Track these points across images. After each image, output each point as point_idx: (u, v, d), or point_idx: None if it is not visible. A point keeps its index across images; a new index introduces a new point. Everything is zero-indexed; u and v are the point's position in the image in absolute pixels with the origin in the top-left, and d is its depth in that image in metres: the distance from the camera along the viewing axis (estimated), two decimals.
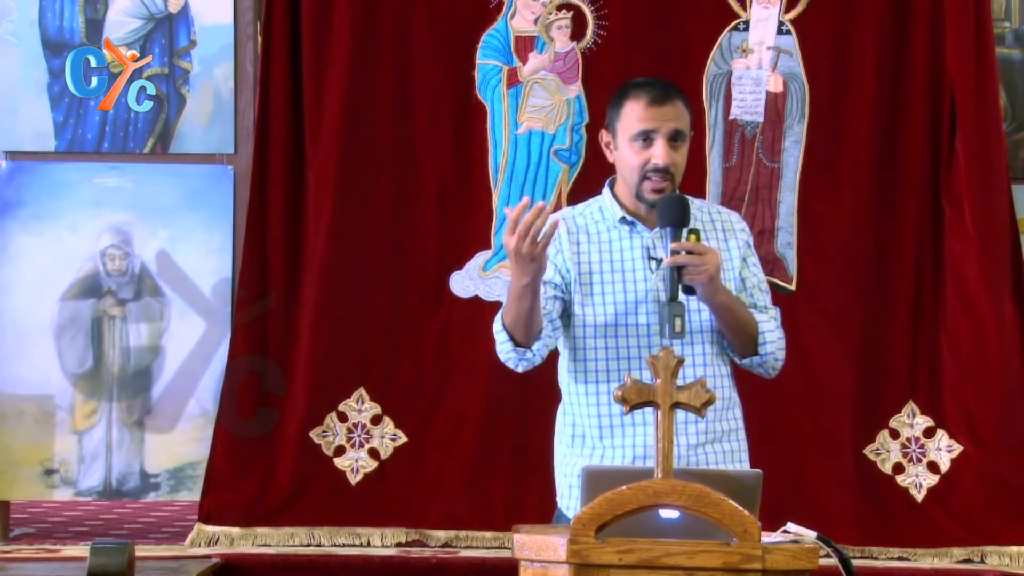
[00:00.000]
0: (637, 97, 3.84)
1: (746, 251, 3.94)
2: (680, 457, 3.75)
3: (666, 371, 3.01)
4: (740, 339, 3.85)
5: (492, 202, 5.86)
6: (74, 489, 5.93)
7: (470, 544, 5.65)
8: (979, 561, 5.54)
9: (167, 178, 5.99)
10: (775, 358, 3.88)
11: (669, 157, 3.81)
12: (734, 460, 3.88)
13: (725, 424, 3.88)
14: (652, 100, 3.82)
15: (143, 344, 5.94)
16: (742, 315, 3.83)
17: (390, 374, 5.81)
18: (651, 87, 3.86)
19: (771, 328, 3.86)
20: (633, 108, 3.84)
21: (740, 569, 2.88)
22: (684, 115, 3.86)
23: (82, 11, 6.01)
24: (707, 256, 3.70)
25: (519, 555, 3.00)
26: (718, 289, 3.75)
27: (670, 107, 3.83)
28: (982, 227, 5.71)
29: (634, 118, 3.83)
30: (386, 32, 5.86)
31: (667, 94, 3.84)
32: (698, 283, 3.70)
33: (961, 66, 5.74)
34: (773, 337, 3.86)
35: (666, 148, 3.81)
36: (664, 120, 3.81)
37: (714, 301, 3.77)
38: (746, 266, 3.93)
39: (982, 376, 5.71)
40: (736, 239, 3.93)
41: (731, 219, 3.98)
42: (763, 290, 3.95)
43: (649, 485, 2.92)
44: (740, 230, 3.96)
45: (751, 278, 3.93)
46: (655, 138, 3.81)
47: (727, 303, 3.79)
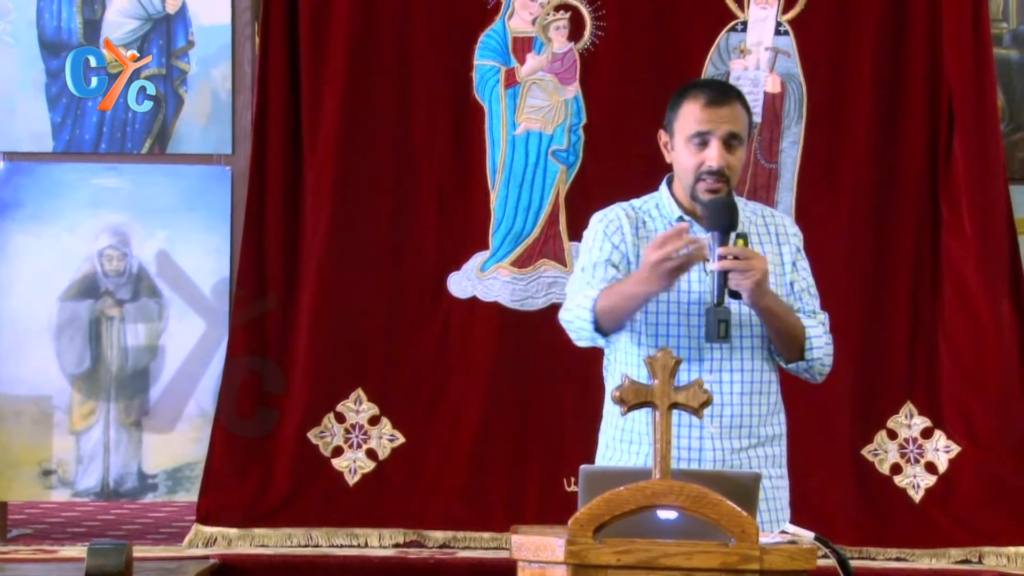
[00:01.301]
0: (695, 98, 3.82)
1: (797, 256, 3.93)
2: (724, 461, 3.78)
3: (664, 371, 3.01)
4: (787, 344, 3.84)
5: (490, 203, 5.86)
6: (72, 490, 5.93)
7: (468, 545, 5.65)
8: (977, 561, 5.55)
9: (165, 179, 5.99)
10: (822, 363, 3.87)
11: (724, 159, 3.78)
12: (775, 464, 3.89)
13: (770, 429, 3.88)
14: (709, 101, 3.80)
15: (141, 344, 5.94)
16: (789, 320, 3.82)
17: (388, 375, 5.81)
18: (709, 88, 3.86)
19: (819, 334, 3.85)
20: (690, 109, 3.82)
21: (738, 570, 2.88)
22: (742, 117, 3.83)
23: (80, 12, 6.01)
24: (754, 261, 3.69)
25: (517, 555, 3.00)
26: (764, 294, 3.74)
27: (727, 109, 3.80)
28: (980, 227, 5.71)
29: (691, 119, 3.81)
30: (384, 33, 5.86)
31: (725, 96, 3.82)
32: (744, 288, 3.70)
33: (959, 67, 5.74)
34: (820, 343, 3.84)
35: (720, 150, 3.78)
36: (720, 122, 3.79)
37: (760, 306, 3.76)
38: (796, 270, 3.92)
39: (980, 376, 5.71)
40: (789, 244, 3.93)
41: (784, 223, 3.98)
42: (812, 294, 3.93)
43: (647, 486, 2.92)
44: (793, 235, 3.95)
45: (800, 282, 3.92)
46: (710, 140, 3.79)
47: (774, 308, 3.78)
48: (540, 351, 5.72)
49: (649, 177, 5.70)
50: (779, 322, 3.80)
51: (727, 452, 3.80)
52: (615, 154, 5.83)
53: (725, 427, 3.81)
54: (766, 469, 3.84)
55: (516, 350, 5.80)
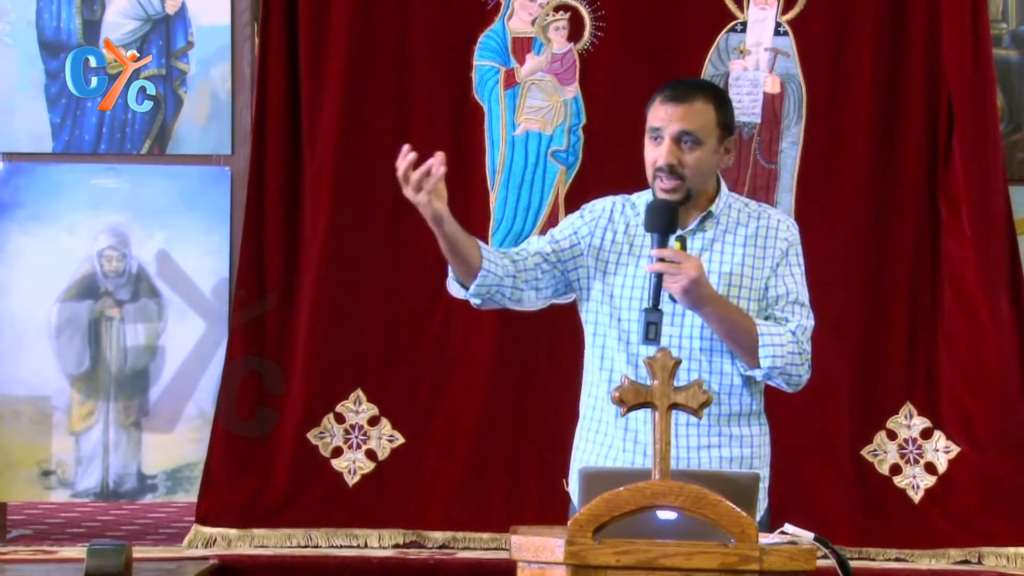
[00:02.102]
0: (660, 93, 3.81)
1: (780, 259, 3.85)
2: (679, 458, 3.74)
3: (663, 372, 3.01)
4: (738, 350, 3.77)
5: (489, 203, 5.86)
6: (71, 490, 5.93)
7: (468, 545, 5.65)
8: (976, 562, 5.55)
9: (164, 179, 5.99)
10: (783, 372, 3.77)
11: (671, 157, 3.75)
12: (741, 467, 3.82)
13: (737, 430, 3.83)
14: (666, 98, 3.78)
15: (140, 345, 5.94)
16: (736, 325, 3.74)
17: (387, 375, 5.81)
18: (675, 86, 3.83)
19: (775, 341, 3.74)
20: (653, 105, 3.82)
21: (738, 570, 2.88)
22: (701, 116, 3.78)
23: (79, 12, 6.01)
24: (685, 264, 3.64)
25: (517, 556, 3.00)
26: (701, 298, 3.68)
27: (683, 107, 3.76)
28: (979, 228, 5.71)
29: (651, 115, 3.81)
30: (383, 33, 5.86)
31: (686, 94, 3.78)
32: (674, 292, 3.66)
33: (958, 67, 5.74)
34: (779, 352, 3.74)
35: (669, 148, 3.75)
36: (671, 120, 3.76)
37: (699, 311, 3.72)
38: (774, 275, 3.84)
39: (979, 377, 5.71)
40: (774, 247, 3.86)
41: (778, 226, 3.89)
42: (789, 300, 3.83)
43: (647, 486, 2.92)
44: (783, 239, 3.87)
45: (777, 287, 3.83)
46: (663, 136, 3.78)
47: (717, 313, 3.72)
48: (540, 352, 5.72)
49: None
50: (723, 328, 3.73)
51: (683, 449, 3.76)
52: (615, 154, 5.83)
53: (681, 424, 3.75)
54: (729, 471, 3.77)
55: (515, 351, 5.80)
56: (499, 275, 3.82)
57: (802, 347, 3.79)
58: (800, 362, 3.78)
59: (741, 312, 3.78)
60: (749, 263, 3.83)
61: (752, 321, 3.77)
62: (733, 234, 3.86)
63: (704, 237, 3.84)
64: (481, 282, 3.81)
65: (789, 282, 3.86)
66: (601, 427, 3.88)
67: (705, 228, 3.84)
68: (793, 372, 3.78)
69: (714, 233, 3.84)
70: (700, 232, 3.84)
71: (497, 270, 3.81)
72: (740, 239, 3.85)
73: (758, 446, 3.88)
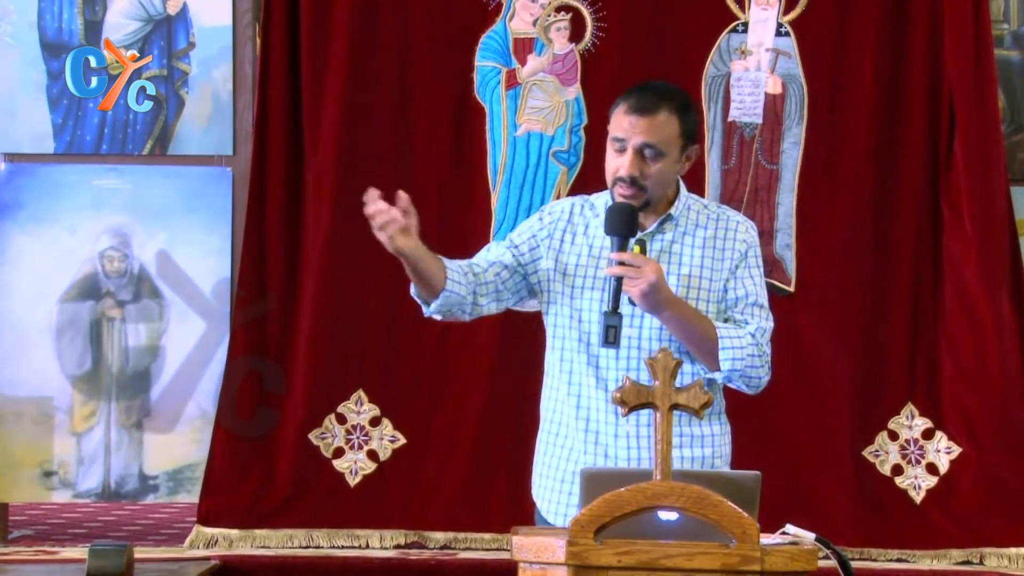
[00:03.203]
0: (625, 100, 3.79)
1: (740, 261, 3.84)
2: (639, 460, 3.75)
3: (664, 372, 3.01)
4: (698, 353, 3.77)
5: (491, 204, 5.86)
6: (73, 491, 5.93)
7: (469, 546, 5.65)
8: (978, 563, 5.55)
9: (166, 180, 5.99)
10: (743, 375, 3.76)
11: (635, 168, 3.74)
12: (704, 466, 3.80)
13: (698, 429, 3.81)
14: (631, 108, 3.76)
15: (142, 345, 5.94)
16: (695, 328, 3.74)
17: (389, 376, 5.81)
18: (639, 95, 3.78)
19: (734, 344, 3.74)
20: (617, 111, 3.80)
21: (739, 571, 2.88)
22: (665, 128, 3.76)
23: (81, 13, 6.01)
24: (644, 269, 3.64)
25: (518, 556, 3.00)
26: (660, 302, 3.68)
27: (648, 119, 3.74)
28: (981, 229, 5.71)
29: (615, 122, 3.79)
30: (385, 34, 5.86)
31: (652, 105, 3.75)
32: (632, 295, 3.66)
33: (960, 68, 5.74)
34: (734, 354, 3.73)
35: (633, 159, 3.74)
36: (635, 131, 3.74)
37: (659, 315, 3.72)
38: (733, 277, 3.83)
39: (981, 377, 5.71)
40: (733, 249, 3.85)
41: (737, 228, 3.88)
42: (749, 303, 3.83)
43: (648, 487, 2.92)
44: (742, 240, 3.86)
45: (736, 290, 3.83)
46: (626, 147, 3.76)
47: (676, 316, 3.72)
48: (540, 352, 5.68)
49: None
50: (682, 330, 3.74)
51: (642, 450, 3.77)
52: None
53: (642, 424, 3.77)
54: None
55: (517, 351, 5.79)
56: (461, 294, 3.83)
57: (762, 349, 3.79)
58: (760, 364, 3.78)
59: (700, 315, 3.78)
60: (708, 264, 3.84)
61: (712, 324, 3.77)
62: (692, 236, 3.85)
63: (663, 239, 3.84)
64: (443, 302, 3.83)
65: (748, 284, 3.85)
66: (562, 429, 3.88)
67: (664, 230, 3.84)
68: (753, 375, 3.78)
69: (673, 235, 3.84)
70: (659, 234, 3.84)
71: (460, 289, 3.82)
72: (699, 241, 3.85)
73: (719, 445, 3.87)
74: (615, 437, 3.80)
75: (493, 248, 3.96)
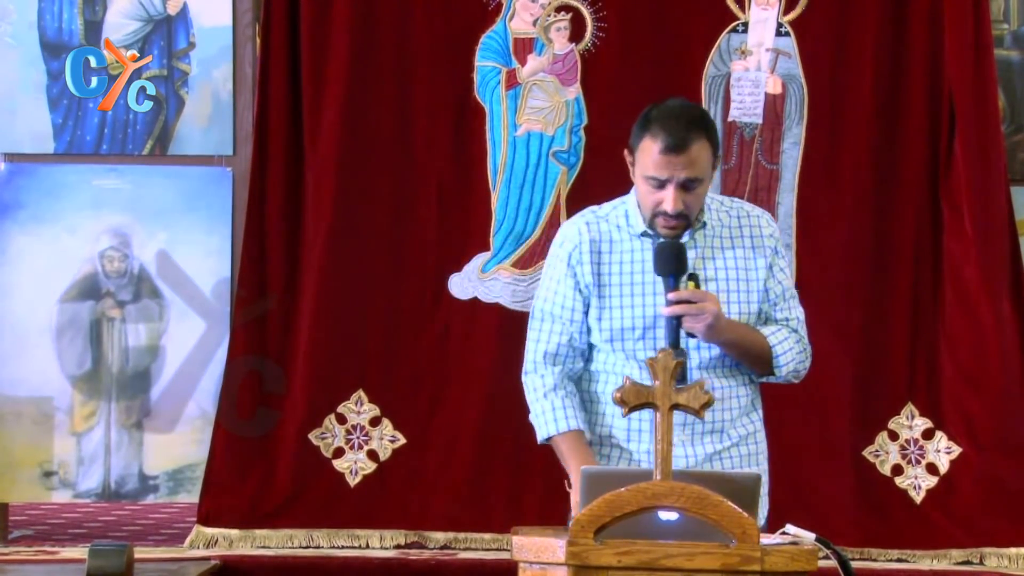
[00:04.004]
0: (654, 137, 3.72)
1: (773, 258, 3.90)
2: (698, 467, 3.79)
3: (665, 373, 3.01)
4: (754, 365, 3.86)
5: (491, 204, 5.86)
6: (73, 491, 5.93)
7: (469, 546, 5.65)
8: (978, 563, 5.54)
9: (166, 180, 5.99)
10: (795, 373, 3.90)
11: (679, 204, 3.74)
12: (751, 463, 3.88)
13: (743, 428, 3.88)
14: (666, 148, 3.70)
15: (142, 345, 5.94)
16: (752, 346, 3.82)
17: (389, 376, 5.81)
18: (669, 132, 3.71)
19: (787, 348, 3.85)
20: (649, 149, 3.73)
21: (739, 571, 2.88)
22: (701, 159, 3.74)
23: (81, 13, 6.01)
24: (705, 304, 3.69)
25: (518, 557, 3.00)
26: (721, 330, 3.74)
27: (684, 156, 3.70)
28: (981, 229, 5.71)
29: (648, 161, 3.74)
30: (385, 34, 5.86)
31: (684, 141, 3.70)
32: (697, 331, 3.71)
33: (960, 68, 5.74)
34: (788, 357, 3.85)
35: (676, 196, 3.73)
36: (675, 170, 3.71)
37: (718, 342, 3.77)
38: (771, 275, 3.89)
39: (981, 378, 5.71)
40: (764, 247, 3.89)
41: (760, 224, 3.92)
42: (786, 297, 3.91)
43: (648, 487, 2.92)
44: (769, 235, 3.90)
45: (775, 287, 3.89)
46: (667, 185, 3.74)
47: (733, 340, 3.79)
48: None
49: None
50: (740, 350, 3.82)
51: (700, 458, 3.82)
52: (616, 155, 5.78)
53: (697, 434, 3.82)
54: (741, 468, 3.84)
55: (517, 351, 5.76)
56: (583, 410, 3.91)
57: (804, 343, 3.91)
58: (805, 357, 3.92)
59: (751, 330, 3.84)
60: (743, 265, 3.87)
61: (761, 335, 3.84)
62: (721, 237, 3.89)
63: (698, 248, 3.85)
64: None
65: (782, 278, 3.93)
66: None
67: (696, 238, 3.86)
68: (802, 368, 3.93)
69: (705, 241, 3.86)
70: (693, 243, 3.85)
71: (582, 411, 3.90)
72: (728, 242, 3.88)
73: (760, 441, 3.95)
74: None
75: (554, 330, 3.93)
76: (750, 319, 3.86)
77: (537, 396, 3.92)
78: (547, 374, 3.90)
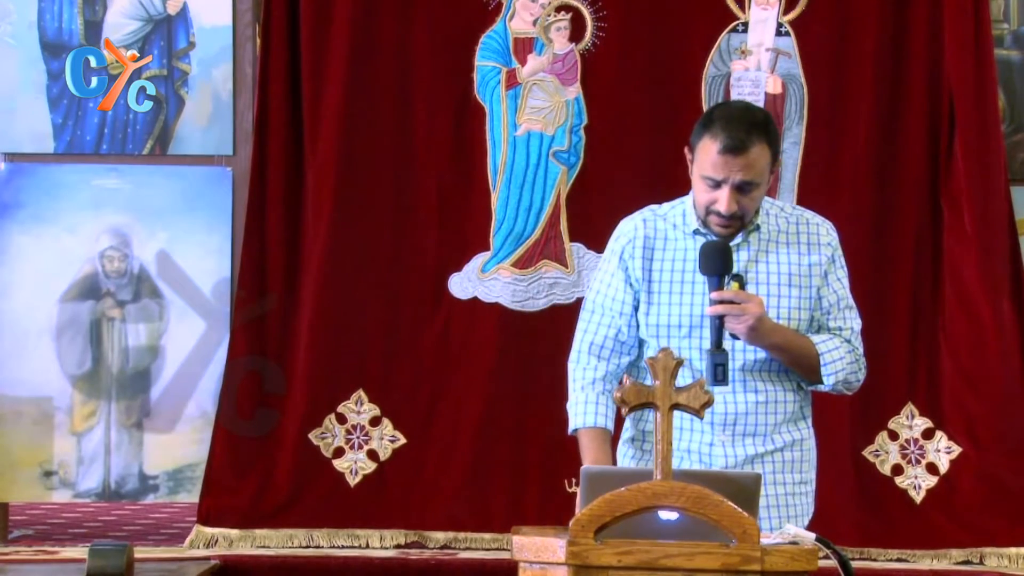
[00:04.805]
0: (714, 137, 3.71)
1: (828, 266, 3.88)
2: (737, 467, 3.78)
3: (665, 372, 3.01)
4: (802, 372, 3.83)
5: (491, 203, 5.86)
6: (73, 491, 5.93)
7: (469, 546, 5.65)
8: (978, 562, 5.55)
9: (166, 180, 5.99)
10: (846, 383, 3.86)
11: (734, 206, 3.73)
12: (792, 471, 3.86)
13: (787, 435, 3.86)
14: (724, 148, 3.68)
15: (142, 345, 5.94)
16: (798, 351, 3.80)
17: (389, 376, 5.81)
18: (729, 133, 3.69)
19: (836, 357, 3.81)
20: (708, 148, 3.72)
21: (739, 570, 2.88)
22: (759, 162, 3.72)
23: (81, 13, 6.01)
24: (748, 306, 3.67)
25: (518, 556, 3.00)
26: (765, 333, 3.72)
27: (742, 158, 3.69)
28: (981, 228, 5.71)
29: (706, 160, 3.73)
30: (385, 33, 5.86)
31: (743, 143, 3.69)
32: (739, 332, 3.70)
33: (960, 68, 5.74)
34: (837, 367, 3.81)
35: (731, 197, 3.72)
36: (732, 171, 3.70)
37: (762, 345, 3.75)
38: (826, 283, 3.87)
39: (981, 377, 5.71)
40: (820, 254, 3.87)
41: (819, 231, 3.89)
42: (841, 307, 3.88)
43: (648, 487, 2.92)
44: (826, 244, 3.88)
45: (829, 296, 3.87)
46: (723, 185, 3.73)
47: (779, 343, 3.77)
48: (541, 352, 5.72)
49: (649, 178, 5.74)
50: (787, 355, 3.79)
51: (739, 459, 3.81)
52: (616, 155, 5.83)
53: (738, 435, 3.81)
54: (781, 475, 3.84)
55: (517, 351, 5.80)
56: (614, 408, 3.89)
57: (857, 354, 3.88)
58: (858, 368, 3.88)
59: (799, 336, 3.82)
60: (796, 271, 3.85)
61: (810, 342, 3.82)
62: (776, 242, 3.86)
63: (750, 250, 3.84)
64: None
65: (838, 287, 3.90)
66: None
67: (750, 241, 3.84)
68: (853, 380, 3.88)
69: (759, 243, 3.85)
70: (746, 244, 3.84)
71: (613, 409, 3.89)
72: (783, 246, 3.86)
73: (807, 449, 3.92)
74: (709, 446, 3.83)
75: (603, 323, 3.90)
76: (800, 325, 3.83)
77: (576, 387, 3.91)
78: (589, 367, 3.90)
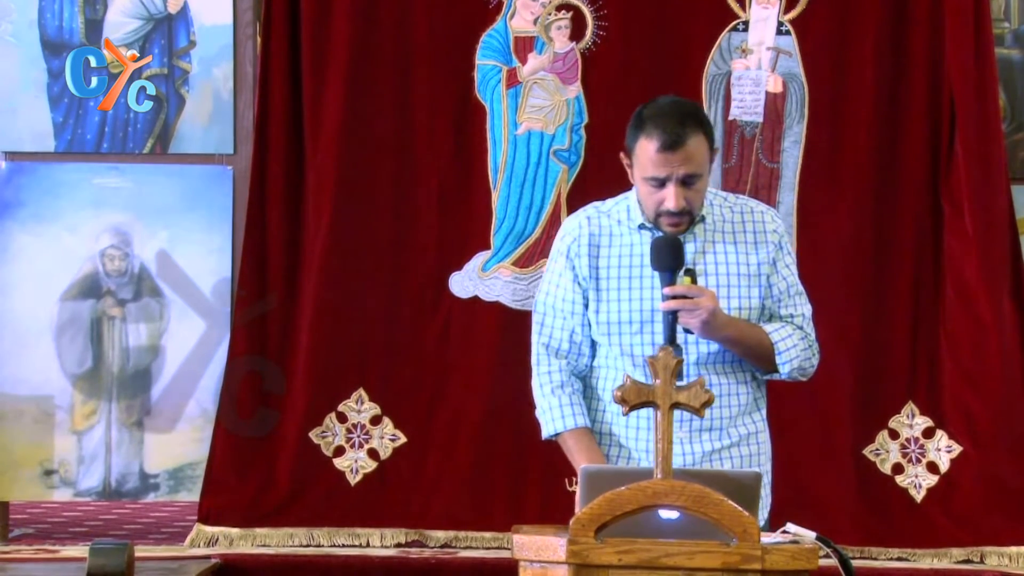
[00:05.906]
0: (649, 137, 3.72)
1: (776, 254, 3.87)
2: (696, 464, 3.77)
3: (665, 371, 3.01)
4: (757, 362, 3.83)
5: (491, 202, 5.86)
6: (73, 489, 5.93)
7: (469, 544, 5.65)
8: (978, 561, 5.54)
9: (166, 178, 5.99)
10: (800, 370, 3.86)
11: (682, 201, 3.73)
12: (752, 464, 3.86)
13: (744, 428, 3.86)
14: (663, 146, 3.69)
15: (142, 344, 5.94)
16: (752, 342, 3.80)
17: (389, 375, 5.81)
18: (663, 129, 3.71)
19: (790, 345, 3.81)
20: (645, 149, 3.73)
21: (739, 569, 2.88)
22: (698, 153, 3.73)
23: (81, 11, 6.01)
24: (701, 300, 3.67)
25: (519, 555, 3.00)
26: (718, 327, 3.72)
27: (681, 152, 3.70)
28: (981, 227, 5.71)
29: (646, 161, 3.73)
30: (385, 32, 5.86)
31: (679, 137, 3.69)
32: (693, 327, 3.69)
33: (960, 66, 5.74)
34: (792, 355, 3.81)
35: (677, 193, 3.72)
36: (674, 167, 3.71)
37: (716, 338, 3.75)
38: (775, 271, 3.87)
39: (981, 376, 5.71)
40: (767, 243, 3.87)
41: (764, 219, 3.90)
42: (791, 294, 3.89)
43: (649, 486, 2.92)
44: (772, 231, 3.88)
45: (779, 283, 3.87)
46: (667, 183, 3.73)
47: (732, 336, 3.77)
48: None
49: None
50: (741, 347, 3.79)
51: (697, 456, 3.80)
52: (616, 154, 5.81)
53: (695, 431, 3.80)
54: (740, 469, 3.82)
55: (517, 350, 5.75)
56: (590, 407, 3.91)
57: (810, 340, 3.88)
58: (812, 354, 3.89)
59: (752, 326, 3.82)
60: (743, 260, 3.85)
61: (763, 331, 3.82)
62: (722, 231, 3.87)
63: (696, 242, 3.84)
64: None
65: (787, 274, 3.90)
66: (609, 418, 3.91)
67: (695, 233, 3.84)
68: (807, 366, 3.89)
69: (705, 235, 3.85)
70: (692, 236, 3.84)
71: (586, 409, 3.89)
72: (730, 236, 3.86)
73: (762, 442, 3.92)
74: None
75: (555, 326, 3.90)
76: (751, 314, 3.84)
77: (544, 392, 3.89)
78: (553, 370, 3.88)
